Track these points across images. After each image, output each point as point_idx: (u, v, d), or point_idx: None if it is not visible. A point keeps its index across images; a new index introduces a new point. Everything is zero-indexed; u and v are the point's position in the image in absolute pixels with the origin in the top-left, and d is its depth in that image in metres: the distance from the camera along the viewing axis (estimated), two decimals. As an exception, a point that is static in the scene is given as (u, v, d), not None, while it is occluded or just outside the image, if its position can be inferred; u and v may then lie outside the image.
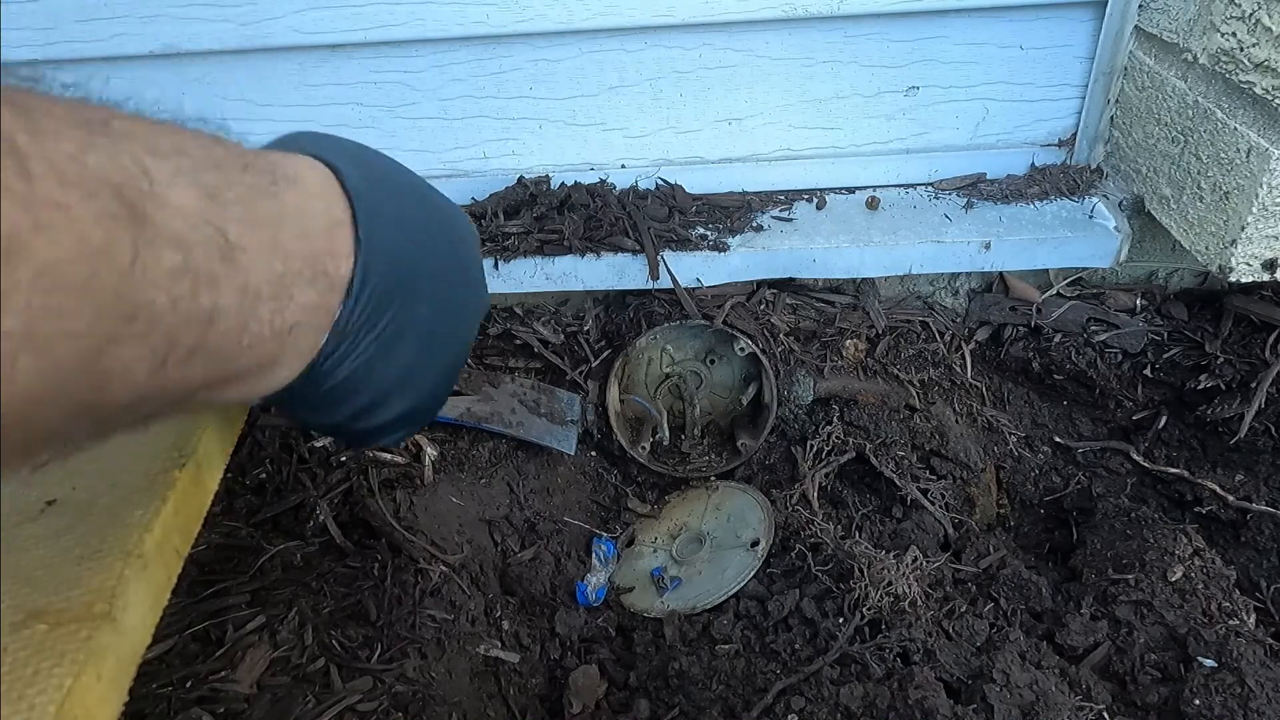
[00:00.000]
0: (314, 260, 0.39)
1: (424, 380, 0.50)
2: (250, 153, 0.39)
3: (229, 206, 0.34)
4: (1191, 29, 0.77)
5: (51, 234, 0.26)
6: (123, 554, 0.42)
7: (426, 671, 0.65)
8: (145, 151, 0.31)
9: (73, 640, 0.38)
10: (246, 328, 0.36)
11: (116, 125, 0.32)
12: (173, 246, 0.31)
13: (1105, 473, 0.98)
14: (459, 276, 0.52)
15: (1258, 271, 0.74)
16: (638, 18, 0.90)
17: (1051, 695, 0.66)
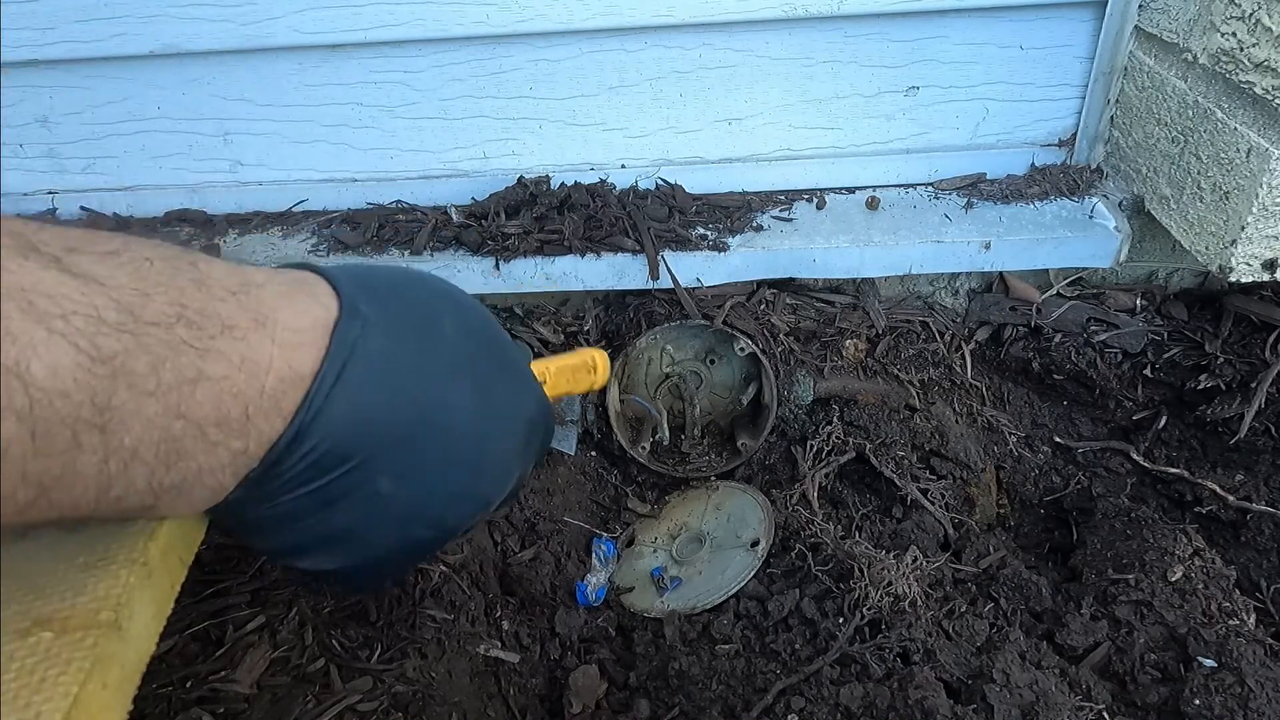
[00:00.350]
0: (230, 422, 0.37)
1: (366, 549, 0.45)
2: (210, 299, 0.37)
3: (119, 373, 0.33)
4: (1191, 29, 0.77)
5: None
6: (128, 562, 0.42)
7: (426, 671, 0.65)
8: (20, 315, 0.30)
9: (79, 648, 0.38)
10: (110, 488, 0.35)
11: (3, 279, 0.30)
12: (13, 419, 0.30)
13: (1105, 473, 0.98)
14: (456, 469, 0.46)
15: (1258, 271, 0.74)
16: (638, 18, 0.90)
17: (1051, 695, 0.66)
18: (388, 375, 0.42)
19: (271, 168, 1.05)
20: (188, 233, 1.03)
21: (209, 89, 1.00)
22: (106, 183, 1.08)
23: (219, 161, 1.05)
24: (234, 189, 1.06)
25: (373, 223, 1.01)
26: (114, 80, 1.00)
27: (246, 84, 0.99)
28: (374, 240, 0.98)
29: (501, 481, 0.49)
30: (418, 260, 0.94)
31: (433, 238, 0.97)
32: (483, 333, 0.50)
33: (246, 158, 1.05)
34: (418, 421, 0.43)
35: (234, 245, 1.00)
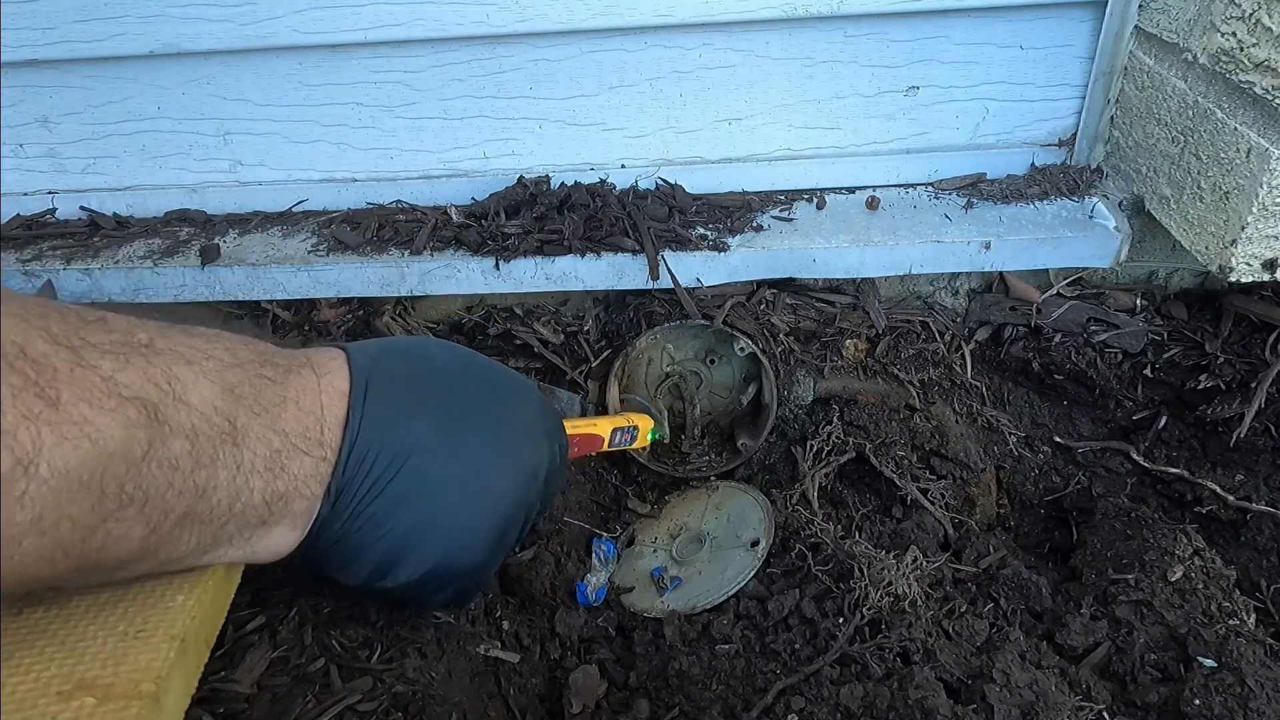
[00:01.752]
0: (308, 432, 0.47)
1: (447, 537, 0.52)
2: (275, 352, 0.49)
3: (240, 398, 0.44)
4: (1191, 29, 0.77)
5: (72, 443, 0.35)
6: (168, 636, 0.43)
7: (426, 671, 0.65)
8: (177, 362, 0.42)
9: (121, 715, 0.39)
10: (238, 496, 0.44)
11: (159, 343, 0.42)
12: (183, 436, 0.40)
13: (1105, 472, 0.98)
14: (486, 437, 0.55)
15: (1258, 271, 0.74)
16: (638, 17, 0.90)
17: (1051, 695, 0.66)
18: (401, 383, 0.52)
19: (271, 168, 1.05)
20: (188, 232, 1.03)
21: (209, 89, 1.00)
22: (106, 183, 1.08)
23: (219, 161, 1.05)
24: (234, 189, 1.06)
25: (373, 223, 1.01)
26: (114, 80, 1.00)
27: (246, 84, 0.99)
28: (374, 240, 0.99)
29: (537, 446, 0.58)
30: (417, 260, 0.95)
31: (433, 238, 0.97)
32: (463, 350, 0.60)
33: (246, 158, 1.05)
34: (439, 412, 0.52)
35: (234, 245, 1.00)
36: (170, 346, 0.42)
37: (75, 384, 0.36)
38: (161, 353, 0.41)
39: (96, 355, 0.38)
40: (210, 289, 0.97)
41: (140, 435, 0.38)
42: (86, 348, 0.38)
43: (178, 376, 0.41)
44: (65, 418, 0.35)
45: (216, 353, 0.44)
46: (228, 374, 0.44)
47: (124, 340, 0.40)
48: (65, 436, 0.35)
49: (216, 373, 0.43)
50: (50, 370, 0.36)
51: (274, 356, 0.48)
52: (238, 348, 0.46)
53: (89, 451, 0.36)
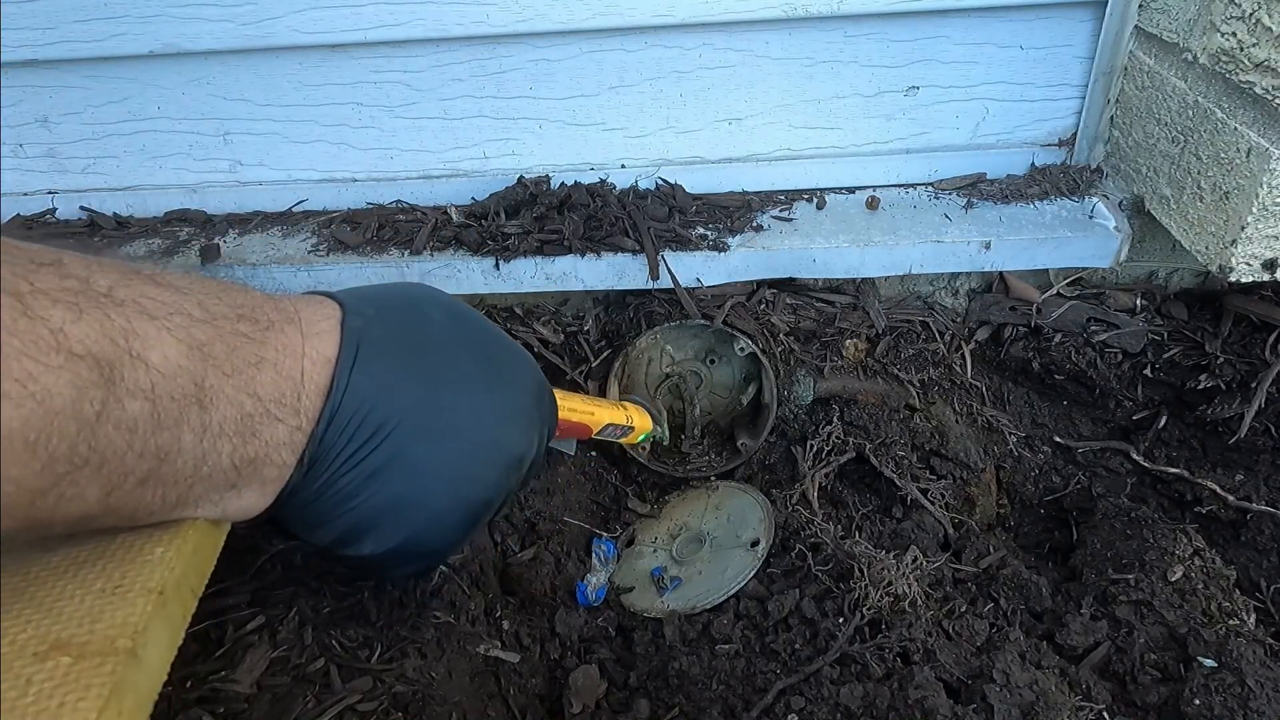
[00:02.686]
0: (284, 398, 0.44)
1: (416, 517, 0.50)
2: (256, 303, 0.45)
3: (210, 358, 0.41)
4: (1191, 29, 0.77)
5: (14, 401, 0.32)
6: (145, 590, 0.42)
7: (426, 671, 0.65)
8: (138, 315, 0.38)
9: (97, 674, 0.38)
10: (204, 461, 0.41)
11: (119, 293, 0.38)
12: (141, 397, 0.37)
13: (1105, 472, 0.98)
14: (479, 423, 0.52)
15: (1258, 271, 0.74)
16: (638, 17, 0.90)
17: (1051, 695, 0.66)
18: (393, 353, 0.49)
19: (271, 167, 1.05)
20: (188, 232, 1.03)
21: (209, 89, 1.00)
22: (106, 183, 1.08)
23: (219, 161, 1.05)
24: (234, 189, 1.06)
25: (372, 223, 1.01)
26: (114, 80, 1.00)
27: (246, 84, 0.99)
28: (374, 240, 0.99)
29: (527, 435, 0.55)
30: (417, 260, 0.95)
31: (432, 238, 0.97)
32: (467, 314, 0.57)
33: (246, 158, 1.05)
34: (429, 388, 0.49)
35: (234, 245, 1.00)
36: (133, 297, 0.38)
37: (19, 335, 0.33)
38: (122, 304, 0.38)
39: (46, 304, 0.34)
40: (210, 289, 0.97)
41: (94, 394, 0.35)
42: (35, 294, 0.34)
43: (137, 332, 0.37)
44: (7, 373, 0.32)
45: (186, 306, 0.41)
46: (196, 330, 0.40)
47: (79, 288, 0.36)
48: (7, 394, 0.32)
49: (183, 329, 0.40)
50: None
51: (254, 310, 0.44)
52: (211, 300, 0.42)
53: (33, 411, 0.33)
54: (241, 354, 0.42)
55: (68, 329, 0.35)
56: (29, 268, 0.35)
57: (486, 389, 0.53)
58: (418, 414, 0.48)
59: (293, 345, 0.45)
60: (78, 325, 0.35)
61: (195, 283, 0.43)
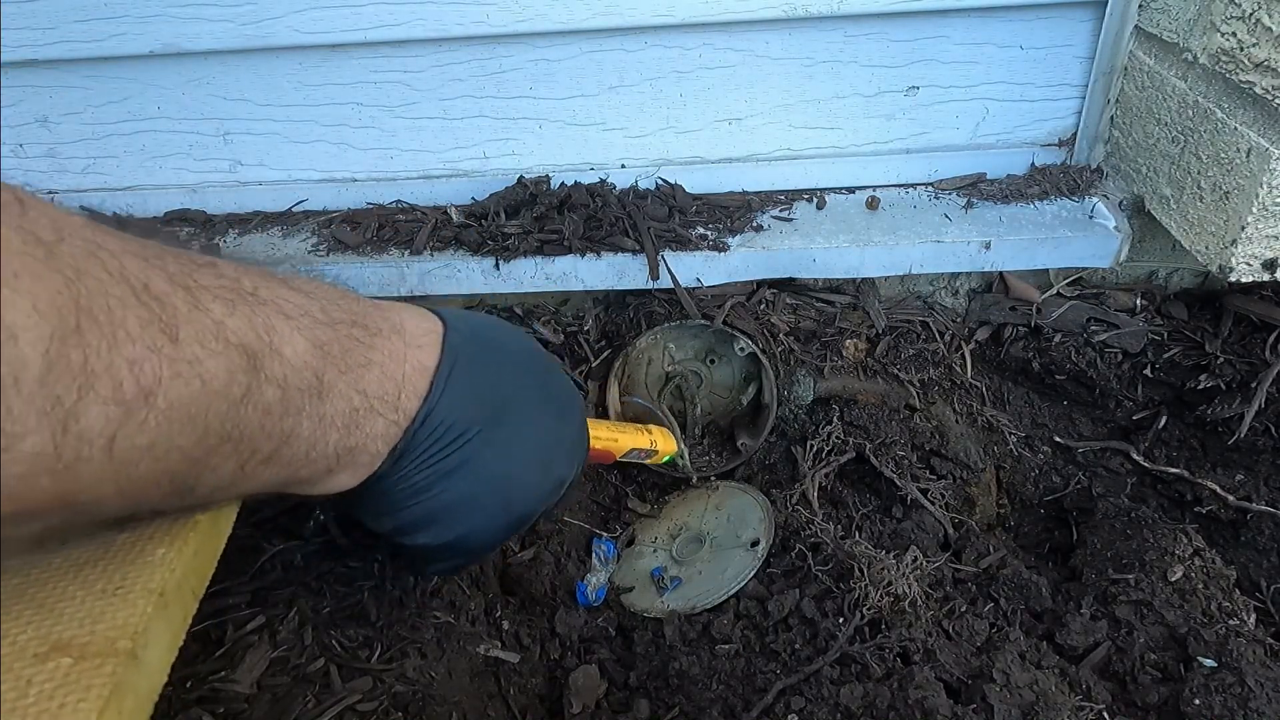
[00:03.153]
0: (386, 396, 0.50)
1: (473, 518, 0.56)
2: (367, 311, 0.51)
3: (329, 356, 0.46)
4: (1191, 29, 0.77)
5: (184, 379, 0.37)
6: (146, 591, 0.43)
7: (426, 671, 0.65)
8: (276, 314, 0.44)
9: (97, 675, 0.38)
10: (315, 446, 0.47)
11: (262, 293, 0.44)
12: (275, 385, 0.43)
13: (1105, 472, 0.98)
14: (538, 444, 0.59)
15: (1258, 271, 0.74)
16: (638, 17, 0.90)
17: (1051, 695, 0.66)
18: (481, 374, 0.55)
19: (271, 167, 1.05)
20: (188, 232, 1.03)
21: (209, 89, 1.00)
22: (106, 183, 1.08)
23: (219, 161, 1.05)
24: (234, 189, 1.06)
25: (373, 223, 1.01)
26: (114, 80, 1.00)
27: (246, 84, 0.99)
28: (374, 240, 0.98)
29: (570, 461, 0.62)
30: (417, 260, 0.95)
31: (433, 238, 0.97)
32: (539, 351, 0.65)
33: (246, 158, 1.05)
34: (504, 408, 0.56)
35: (234, 245, 1.00)
36: (272, 298, 0.44)
37: (191, 324, 0.38)
38: (265, 303, 0.43)
39: (209, 298, 0.40)
40: (210, 289, 0.97)
41: (240, 379, 0.40)
42: (200, 289, 0.40)
43: (276, 328, 0.43)
44: (181, 355, 0.37)
45: (312, 309, 0.46)
46: (319, 331, 0.46)
47: (232, 286, 0.42)
48: (179, 373, 0.37)
49: (309, 329, 0.45)
50: (171, 308, 0.37)
51: (365, 317, 0.50)
52: (331, 306, 0.48)
53: (199, 389, 0.38)
54: (354, 355, 0.48)
55: (226, 321, 0.40)
56: (192, 267, 0.40)
57: (546, 417, 0.60)
58: (492, 428, 0.55)
59: (397, 352, 0.51)
60: (232, 318, 0.40)
61: (318, 288, 0.49)
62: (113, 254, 0.36)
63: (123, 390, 0.34)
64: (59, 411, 0.32)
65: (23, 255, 0.31)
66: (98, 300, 0.34)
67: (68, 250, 0.34)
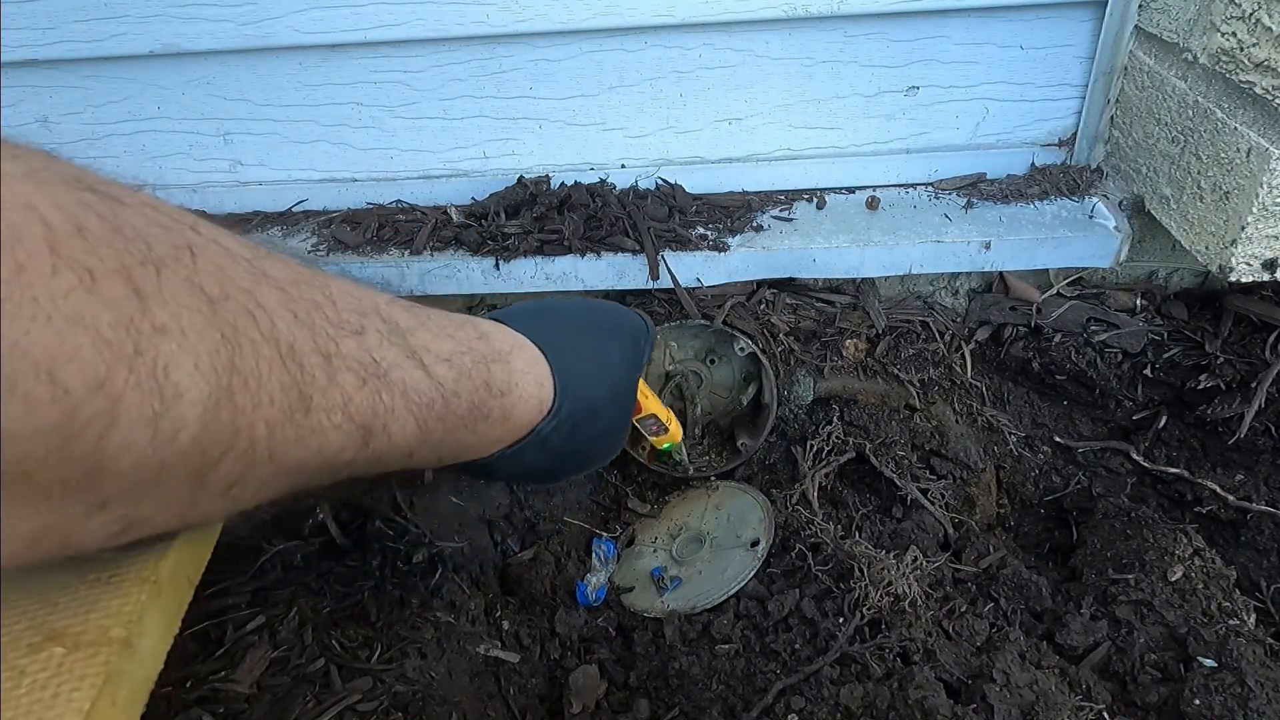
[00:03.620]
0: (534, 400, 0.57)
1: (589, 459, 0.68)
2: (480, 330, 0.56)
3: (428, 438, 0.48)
4: (1192, 29, 0.77)
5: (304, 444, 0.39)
6: (139, 580, 0.43)
7: (426, 671, 0.65)
8: (399, 397, 0.45)
9: (91, 664, 0.38)
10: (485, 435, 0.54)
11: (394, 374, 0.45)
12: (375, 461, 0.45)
13: (1105, 472, 0.98)
14: (615, 414, 0.66)
15: (1258, 271, 0.74)
16: (638, 17, 0.90)
17: (1051, 695, 0.66)
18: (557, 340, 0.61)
19: (271, 167, 1.05)
20: (188, 233, 1.03)
21: (209, 89, 1.00)
22: (106, 183, 1.07)
23: (219, 161, 1.05)
24: (234, 189, 1.06)
25: (373, 222, 1.01)
26: (114, 80, 1.00)
27: (246, 84, 0.99)
28: (374, 240, 0.98)
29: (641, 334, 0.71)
30: (417, 260, 0.95)
31: (433, 238, 0.97)
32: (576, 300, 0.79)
33: (246, 157, 1.05)
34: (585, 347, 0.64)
35: (234, 245, 1.00)
36: (402, 378, 0.45)
37: (324, 395, 0.40)
38: (393, 385, 0.45)
39: (344, 370, 0.41)
40: (210, 289, 0.97)
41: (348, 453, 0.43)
42: (339, 358, 0.41)
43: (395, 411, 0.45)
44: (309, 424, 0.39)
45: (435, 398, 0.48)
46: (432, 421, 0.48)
47: (369, 362, 0.43)
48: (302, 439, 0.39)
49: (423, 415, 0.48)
50: (310, 375, 0.39)
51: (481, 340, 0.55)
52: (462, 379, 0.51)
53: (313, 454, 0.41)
54: (459, 435, 0.52)
55: (354, 397, 0.41)
56: (338, 333, 0.41)
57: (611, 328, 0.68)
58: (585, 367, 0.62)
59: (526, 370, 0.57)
60: (360, 394, 0.42)
61: (455, 349, 0.51)
62: (267, 312, 0.36)
63: (254, 451, 0.36)
64: (203, 469, 0.34)
65: (191, 311, 0.31)
66: (248, 362, 0.34)
67: (228, 309, 0.34)
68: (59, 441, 0.27)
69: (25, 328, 0.25)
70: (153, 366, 0.29)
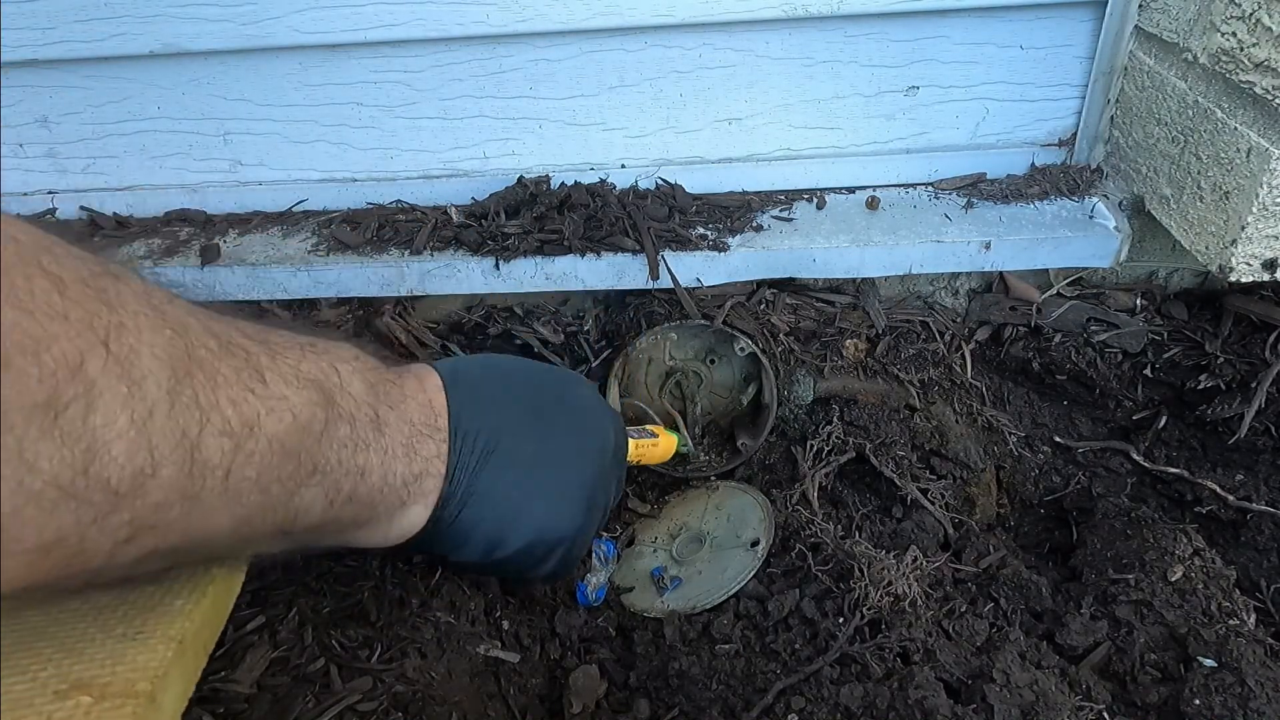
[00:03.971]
0: (427, 420, 0.56)
1: (538, 509, 0.61)
2: (381, 361, 0.57)
3: (379, 394, 0.53)
4: (1192, 29, 0.77)
5: (276, 415, 0.42)
6: (165, 638, 0.44)
7: (426, 671, 0.65)
8: (336, 360, 0.50)
9: (117, 714, 0.39)
10: (385, 478, 0.52)
11: (319, 345, 0.51)
12: (346, 422, 0.48)
13: (1105, 472, 0.98)
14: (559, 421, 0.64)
15: (1258, 271, 0.74)
16: (638, 17, 0.90)
17: (1051, 695, 0.66)
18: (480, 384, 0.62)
19: (271, 167, 1.05)
20: (188, 232, 1.03)
21: (209, 89, 1.00)
22: (106, 183, 1.08)
23: (219, 161, 1.05)
24: (234, 189, 1.06)
25: (372, 223, 1.01)
26: (114, 80, 1.00)
27: (246, 84, 0.99)
28: (374, 240, 0.98)
29: (605, 424, 0.69)
30: (417, 260, 0.95)
31: (432, 238, 0.97)
32: (521, 359, 0.74)
33: (246, 158, 1.05)
34: (518, 400, 0.63)
35: (234, 245, 1.00)
36: (326, 349, 0.51)
37: (274, 369, 0.44)
38: (324, 352, 0.50)
39: (283, 348, 0.46)
40: (210, 289, 0.97)
41: (319, 414, 0.46)
42: (274, 343, 0.46)
43: (339, 371, 0.50)
44: (271, 393, 0.43)
45: (358, 360, 0.53)
46: (369, 374, 0.53)
47: (295, 342, 0.49)
48: (273, 409, 0.42)
49: (361, 372, 0.52)
50: (255, 356, 0.43)
51: (384, 366, 0.57)
52: (365, 355, 0.55)
53: (290, 423, 0.43)
54: (393, 392, 0.55)
55: (300, 365, 0.46)
56: (261, 328, 0.47)
57: (560, 396, 0.66)
58: (515, 421, 0.61)
59: (415, 383, 0.58)
60: (304, 363, 0.47)
61: (343, 346, 0.55)
62: (200, 316, 0.42)
63: (230, 425, 0.39)
64: (186, 443, 0.37)
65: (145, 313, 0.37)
66: (198, 350, 0.39)
67: (172, 310, 0.39)
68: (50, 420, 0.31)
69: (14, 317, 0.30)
70: (120, 352, 0.34)
